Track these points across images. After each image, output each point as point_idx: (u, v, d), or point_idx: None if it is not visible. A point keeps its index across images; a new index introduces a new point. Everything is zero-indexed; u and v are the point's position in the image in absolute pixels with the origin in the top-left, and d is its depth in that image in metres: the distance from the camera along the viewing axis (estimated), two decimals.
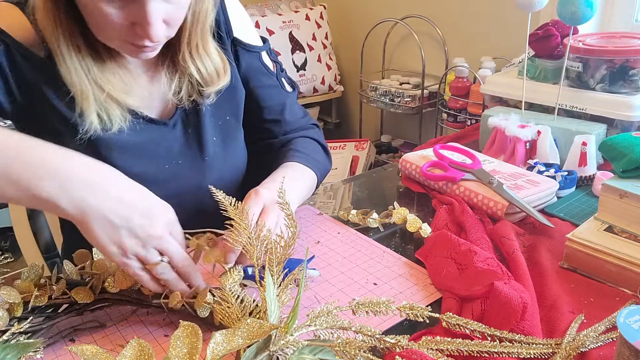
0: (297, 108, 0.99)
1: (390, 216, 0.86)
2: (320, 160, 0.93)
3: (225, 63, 0.85)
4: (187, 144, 0.86)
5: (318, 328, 0.53)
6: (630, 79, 1.06)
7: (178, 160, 0.85)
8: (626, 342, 0.48)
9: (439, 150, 1.01)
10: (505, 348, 0.56)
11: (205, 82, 0.83)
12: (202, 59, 0.82)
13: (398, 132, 2.63)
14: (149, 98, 0.83)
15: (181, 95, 0.83)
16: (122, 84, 0.77)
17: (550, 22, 1.18)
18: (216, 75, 0.83)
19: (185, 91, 0.83)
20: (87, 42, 0.73)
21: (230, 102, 0.90)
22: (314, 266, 0.76)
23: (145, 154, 0.82)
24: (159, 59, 0.82)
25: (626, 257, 0.68)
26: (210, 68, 0.82)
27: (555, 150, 1.02)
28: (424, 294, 0.70)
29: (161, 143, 0.84)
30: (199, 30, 0.79)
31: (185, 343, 0.47)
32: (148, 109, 0.83)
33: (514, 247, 0.74)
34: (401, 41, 2.46)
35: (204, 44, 0.81)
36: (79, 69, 0.72)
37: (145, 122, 0.82)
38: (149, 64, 0.83)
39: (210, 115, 0.88)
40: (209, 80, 0.83)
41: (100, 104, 0.75)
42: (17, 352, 0.53)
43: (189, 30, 0.78)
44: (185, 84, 0.83)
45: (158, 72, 0.84)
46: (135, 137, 0.80)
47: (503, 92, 1.23)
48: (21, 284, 0.62)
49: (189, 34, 0.79)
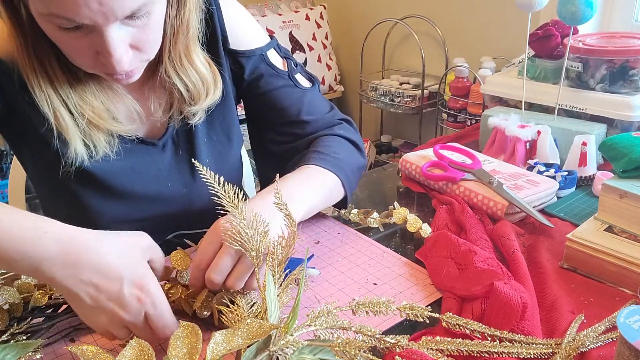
0: (319, 104, 0.90)
1: (390, 216, 0.86)
2: (344, 159, 0.84)
3: (216, 76, 0.80)
4: (177, 165, 0.82)
5: (318, 328, 0.53)
6: (630, 79, 1.06)
7: (167, 183, 0.81)
8: (626, 342, 0.48)
9: (439, 150, 1.01)
10: (505, 348, 0.56)
11: (192, 98, 0.78)
12: (187, 72, 0.77)
13: (398, 132, 2.63)
14: (137, 118, 0.79)
15: (172, 112, 0.79)
16: (104, 108, 0.73)
17: (550, 22, 1.18)
18: (204, 89, 0.78)
19: (176, 108, 0.79)
20: (64, 67, 0.69)
21: (223, 120, 0.86)
22: (313, 265, 0.77)
23: (132, 176, 0.79)
24: (145, 76, 0.77)
25: (626, 257, 0.68)
26: (197, 82, 0.77)
27: (555, 150, 1.02)
28: (424, 294, 0.70)
29: (150, 164, 0.80)
30: (180, 42, 0.74)
31: (185, 343, 0.47)
32: (136, 129, 0.79)
33: (514, 247, 0.74)
34: (401, 41, 2.46)
35: (187, 55, 0.76)
36: (56, 100, 0.68)
37: (133, 143, 0.78)
38: (136, 83, 0.76)
39: (203, 135, 0.84)
40: (196, 95, 0.78)
41: (83, 132, 0.71)
42: (17, 352, 0.53)
43: (169, 45, 0.74)
44: (175, 101, 0.79)
45: (145, 90, 0.80)
46: (123, 160, 0.77)
47: (503, 92, 1.23)
48: (21, 284, 0.62)
49: (169, 48, 0.74)
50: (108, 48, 0.61)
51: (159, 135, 0.82)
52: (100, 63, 0.64)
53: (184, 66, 0.76)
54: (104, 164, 0.76)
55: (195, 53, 0.77)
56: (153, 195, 0.81)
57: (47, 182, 0.80)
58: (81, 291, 0.54)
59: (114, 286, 0.55)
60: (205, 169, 0.62)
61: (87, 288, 0.54)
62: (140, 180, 0.79)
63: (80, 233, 0.56)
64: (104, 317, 0.55)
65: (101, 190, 0.77)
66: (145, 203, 0.80)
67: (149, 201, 0.80)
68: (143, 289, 0.56)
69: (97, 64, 0.64)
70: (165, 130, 0.81)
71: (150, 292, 0.56)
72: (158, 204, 0.81)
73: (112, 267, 0.55)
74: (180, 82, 0.76)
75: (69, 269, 0.54)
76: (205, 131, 0.84)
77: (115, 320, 0.55)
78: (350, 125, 0.92)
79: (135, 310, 0.55)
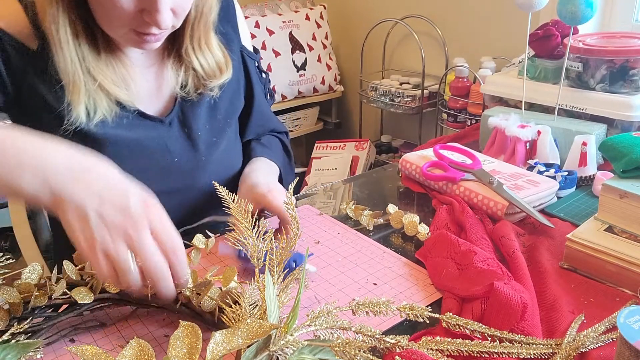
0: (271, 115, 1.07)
1: (379, 217, 0.87)
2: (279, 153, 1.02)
3: (227, 59, 0.88)
4: (183, 142, 0.87)
5: (318, 328, 0.53)
6: (630, 79, 1.06)
7: (174, 158, 0.86)
8: (626, 342, 0.48)
9: (439, 150, 1.01)
10: (505, 348, 0.56)
11: (207, 76, 0.85)
12: (204, 54, 0.84)
13: (398, 132, 2.63)
14: (146, 94, 0.84)
15: (188, 88, 0.85)
16: (115, 76, 0.77)
17: (550, 22, 1.18)
18: (218, 69, 0.86)
19: (192, 84, 0.85)
20: (87, 30, 0.73)
21: (231, 105, 0.93)
22: (312, 265, 0.77)
23: (140, 150, 0.82)
24: (164, 53, 0.85)
25: (626, 257, 0.68)
26: (212, 62, 0.85)
27: (555, 150, 1.02)
28: (424, 294, 0.70)
29: (157, 140, 0.84)
30: (202, 25, 0.81)
31: (185, 343, 0.47)
32: (143, 104, 0.83)
33: (514, 247, 0.74)
34: (401, 41, 2.46)
35: (207, 39, 0.84)
36: (75, 57, 0.72)
37: (138, 117, 0.82)
38: (152, 59, 0.84)
39: (208, 115, 0.89)
40: (211, 74, 0.86)
41: (89, 94, 0.74)
42: (17, 352, 0.53)
43: (192, 24, 0.80)
44: (191, 76, 0.85)
45: (161, 67, 0.85)
46: (129, 132, 0.81)
47: (503, 92, 1.23)
48: (21, 284, 0.62)
49: (192, 28, 0.81)
50: (157, 5, 0.67)
51: (165, 113, 0.86)
52: (139, 21, 0.69)
53: (201, 47, 0.84)
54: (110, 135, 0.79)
55: (212, 37, 0.85)
56: (158, 168, 0.85)
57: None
58: (88, 204, 0.54)
59: (120, 198, 0.55)
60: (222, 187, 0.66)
61: (94, 200, 0.54)
62: (146, 154, 0.83)
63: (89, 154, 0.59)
64: (107, 235, 0.53)
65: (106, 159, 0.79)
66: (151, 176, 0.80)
67: (154, 174, 0.84)
68: (149, 205, 0.56)
69: (136, 22, 0.70)
70: (171, 109, 0.86)
71: (156, 207, 0.57)
72: (163, 178, 0.85)
73: (119, 182, 0.57)
74: (197, 62, 0.84)
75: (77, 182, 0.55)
76: (209, 111, 0.90)
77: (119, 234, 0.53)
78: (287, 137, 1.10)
79: (141, 223, 0.54)
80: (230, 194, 0.67)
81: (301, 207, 0.95)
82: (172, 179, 0.86)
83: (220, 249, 0.77)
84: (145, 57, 0.84)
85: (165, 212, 0.58)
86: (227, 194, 0.67)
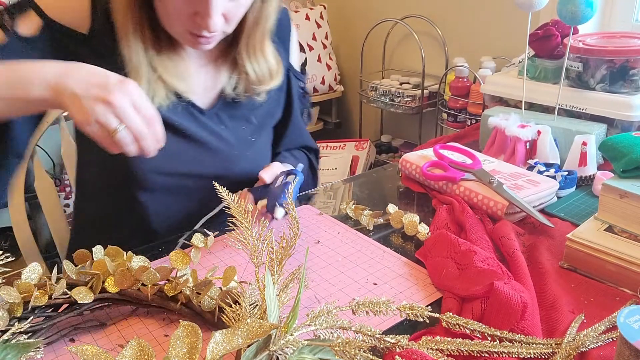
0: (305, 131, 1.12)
1: (379, 217, 0.87)
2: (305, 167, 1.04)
3: (280, 67, 0.94)
4: (220, 135, 0.93)
5: (318, 328, 0.53)
6: (630, 79, 1.06)
7: (209, 148, 0.92)
8: (626, 342, 0.48)
9: (439, 150, 1.01)
10: (505, 348, 0.56)
11: (258, 81, 0.92)
12: (257, 60, 0.90)
13: (398, 132, 2.63)
14: (197, 87, 0.90)
15: (238, 90, 0.92)
16: (175, 69, 0.84)
17: (550, 22, 1.18)
18: (269, 75, 0.92)
19: (242, 87, 0.92)
20: (151, 25, 0.80)
21: (268, 112, 0.99)
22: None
23: (181, 135, 0.88)
24: (221, 55, 0.92)
25: (626, 257, 0.68)
26: (264, 69, 0.91)
27: (555, 150, 1.02)
28: (424, 294, 0.70)
29: (197, 130, 0.90)
30: (259, 33, 0.87)
31: (185, 343, 0.47)
32: (193, 96, 0.89)
33: (514, 247, 0.74)
34: (401, 41, 2.46)
35: (262, 47, 0.90)
36: (140, 48, 0.79)
37: (187, 105, 0.88)
38: (209, 58, 0.91)
39: (246, 115, 0.96)
40: (262, 79, 0.92)
41: (150, 83, 0.81)
42: (17, 352, 0.53)
43: (248, 32, 0.86)
44: (242, 80, 0.92)
45: (215, 66, 0.92)
46: (174, 117, 0.87)
47: (503, 92, 1.23)
48: (21, 284, 0.62)
49: (248, 35, 0.87)
50: (209, 9, 0.73)
51: (210, 107, 0.93)
52: (192, 23, 0.76)
53: (256, 55, 0.90)
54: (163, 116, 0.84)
55: (267, 46, 0.91)
56: (195, 155, 0.91)
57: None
58: (77, 89, 0.66)
59: (101, 78, 0.67)
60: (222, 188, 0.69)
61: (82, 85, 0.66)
62: (187, 140, 0.89)
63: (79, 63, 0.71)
64: (95, 107, 0.65)
65: None
66: (188, 161, 0.90)
67: (191, 160, 0.90)
68: (125, 82, 0.67)
69: (190, 23, 0.76)
70: (215, 104, 0.93)
71: (132, 84, 0.67)
72: (199, 164, 0.91)
73: (99, 70, 0.68)
74: (250, 67, 0.90)
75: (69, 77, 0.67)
76: (247, 112, 0.96)
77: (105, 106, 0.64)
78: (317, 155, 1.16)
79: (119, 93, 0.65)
80: (230, 193, 0.67)
81: (301, 207, 0.95)
82: (205, 165, 0.92)
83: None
84: (201, 55, 0.90)
85: (140, 90, 0.68)
86: (227, 194, 0.67)
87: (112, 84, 0.66)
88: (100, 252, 0.67)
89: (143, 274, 0.63)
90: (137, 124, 0.66)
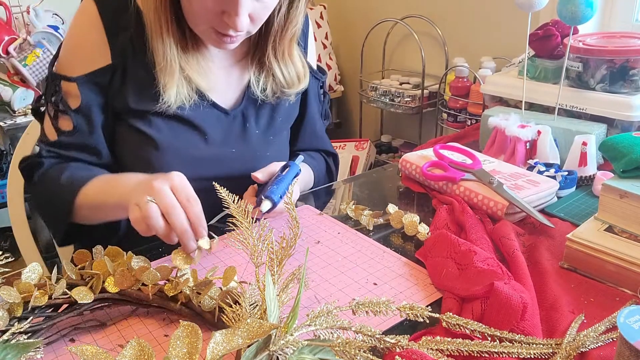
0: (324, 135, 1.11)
1: (379, 217, 0.87)
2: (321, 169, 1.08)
3: (306, 69, 0.96)
4: (242, 136, 0.94)
5: (318, 328, 0.53)
6: (630, 79, 1.06)
7: (231, 149, 0.93)
8: (626, 342, 0.48)
9: (439, 150, 1.01)
10: (505, 348, 0.56)
11: (287, 85, 0.93)
12: (286, 64, 0.92)
13: (398, 132, 2.63)
14: (221, 87, 0.92)
15: (267, 92, 0.93)
16: (198, 67, 0.86)
17: (550, 22, 1.18)
18: (297, 79, 0.94)
19: (270, 89, 0.93)
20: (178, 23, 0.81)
21: (289, 113, 1.00)
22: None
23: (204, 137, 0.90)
24: (244, 56, 0.93)
25: (626, 257, 0.68)
26: (292, 73, 0.93)
27: (555, 150, 1.02)
28: (424, 294, 0.70)
29: (220, 130, 0.91)
30: (286, 38, 0.89)
31: (185, 343, 0.47)
32: (216, 96, 0.91)
33: (514, 247, 0.74)
34: (401, 41, 2.46)
35: (290, 51, 0.91)
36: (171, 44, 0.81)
37: (209, 106, 0.90)
38: (233, 59, 0.93)
39: (269, 116, 0.96)
40: (290, 83, 0.93)
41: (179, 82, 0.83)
42: (17, 352, 0.53)
43: (275, 35, 0.88)
44: (270, 82, 0.93)
45: (240, 68, 0.93)
46: (198, 117, 0.88)
47: (503, 92, 1.23)
48: (21, 284, 0.62)
49: (274, 39, 0.88)
50: (237, 8, 0.75)
51: (232, 107, 0.93)
52: (219, 21, 0.77)
53: (284, 59, 0.92)
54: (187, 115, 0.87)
55: (295, 49, 0.93)
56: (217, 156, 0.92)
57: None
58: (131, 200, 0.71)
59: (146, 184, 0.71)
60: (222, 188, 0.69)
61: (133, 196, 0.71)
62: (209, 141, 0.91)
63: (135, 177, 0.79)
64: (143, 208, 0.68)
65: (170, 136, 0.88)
66: (212, 165, 0.91)
67: (215, 163, 0.91)
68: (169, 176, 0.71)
69: (216, 21, 0.77)
70: (239, 104, 0.94)
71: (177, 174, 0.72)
72: (222, 167, 0.92)
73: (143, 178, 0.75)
74: (278, 70, 0.92)
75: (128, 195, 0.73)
76: (271, 113, 0.97)
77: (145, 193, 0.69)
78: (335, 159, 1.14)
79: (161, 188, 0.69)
80: (230, 194, 0.67)
81: (301, 207, 0.95)
82: (228, 167, 0.92)
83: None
84: (225, 55, 0.91)
85: (183, 177, 0.72)
86: (227, 195, 0.67)
87: (155, 183, 0.70)
88: (100, 252, 0.67)
89: (143, 273, 0.63)
90: (168, 199, 0.68)
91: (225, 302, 0.60)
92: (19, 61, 1.98)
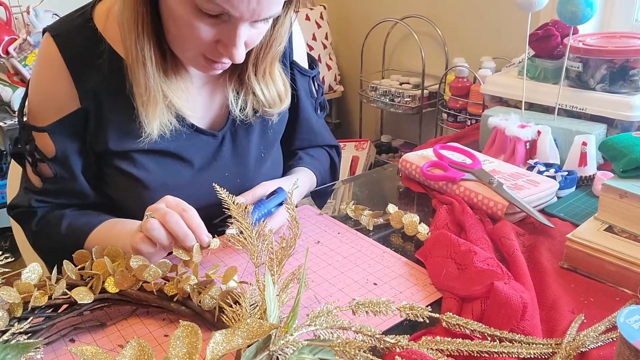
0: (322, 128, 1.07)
1: (379, 217, 0.87)
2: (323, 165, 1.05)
3: (287, 88, 0.90)
4: (234, 157, 0.90)
5: (318, 328, 0.53)
6: (630, 79, 1.06)
7: (224, 173, 0.89)
8: (626, 342, 0.48)
9: (439, 150, 1.01)
10: (505, 348, 0.56)
11: (268, 104, 0.88)
12: (266, 83, 0.87)
13: (398, 132, 2.63)
14: (201, 108, 0.87)
15: (247, 111, 0.87)
16: (180, 92, 0.80)
17: (550, 22, 1.18)
18: (278, 99, 0.88)
19: (250, 107, 0.88)
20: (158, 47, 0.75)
21: (280, 120, 0.95)
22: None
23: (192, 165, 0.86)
24: (226, 75, 0.87)
25: (626, 257, 0.68)
26: (273, 92, 0.87)
27: (555, 150, 1.02)
28: (424, 294, 0.70)
29: (209, 156, 0.88)
30: (269, 56, 0.83)
31: (185, 343, 0.47)
32: (197, 119, 0.86)
33: (514, 247, 0.74)
34: (401, 41, 2.46)
35: (271, 70, 0.86)
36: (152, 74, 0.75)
37: (194, 132, 0.85)
38: (213, 77, 0.87)
39: (260, 131, 0.92)
40: (272, 102, 0.88)
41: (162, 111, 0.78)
42: (17, 352, 0.53)
43: (256, 54, 0.82)
44: (250, 100, 0.87)
45: (221, 87, 0.88)
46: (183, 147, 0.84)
47: (503, 92, 1.23)
48: (21, 284, 0.62)
49: (257, 57, 0.83)
50: (234, 40, 0.70)
51: (218, 127, 0.89)
52: (211, 49, 0.72)
53: (264, 77, 0.86)
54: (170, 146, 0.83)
55: (276, 68, 0.87)
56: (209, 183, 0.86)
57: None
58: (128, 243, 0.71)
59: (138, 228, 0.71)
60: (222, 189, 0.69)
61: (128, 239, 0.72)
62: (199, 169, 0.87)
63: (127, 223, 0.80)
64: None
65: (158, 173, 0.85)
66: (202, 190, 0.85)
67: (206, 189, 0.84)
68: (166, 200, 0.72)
69: (209, 49, 0.73)
70: (224, 124, 0.89)
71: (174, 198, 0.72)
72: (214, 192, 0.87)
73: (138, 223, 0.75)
74: (258, 88, 0.86)
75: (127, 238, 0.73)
76: (261, 128, 0.92)
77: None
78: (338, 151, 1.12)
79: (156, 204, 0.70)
80: (230, 195, 0.67)
81: (301, 207, 0.95)
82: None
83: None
84: (202, 75, 0.86)
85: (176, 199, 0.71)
86: (227, 196, 0.67)
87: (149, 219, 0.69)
88: (101, 252, 0.67)
89: (144, 271, 0.63)
90: (164, 210, 0.69)
91: (225, 302, 0.60)
92: (19, 61, 1.99)
